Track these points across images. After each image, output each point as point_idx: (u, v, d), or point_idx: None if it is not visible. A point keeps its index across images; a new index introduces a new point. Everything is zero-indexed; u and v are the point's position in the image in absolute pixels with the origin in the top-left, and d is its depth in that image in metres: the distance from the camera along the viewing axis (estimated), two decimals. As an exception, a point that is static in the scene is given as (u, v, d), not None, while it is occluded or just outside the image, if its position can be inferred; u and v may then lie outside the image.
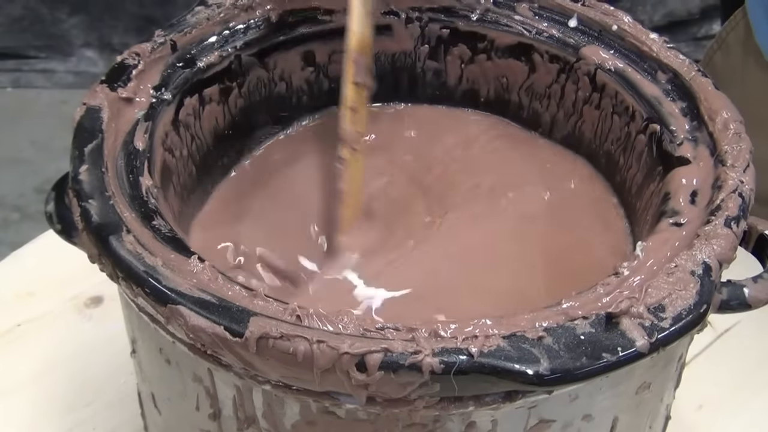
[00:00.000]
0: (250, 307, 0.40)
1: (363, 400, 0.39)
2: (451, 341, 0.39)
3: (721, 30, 0.87)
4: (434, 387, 0.38)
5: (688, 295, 0.41)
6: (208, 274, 0.42)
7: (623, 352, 0.39)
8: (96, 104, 0.49)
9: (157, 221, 0.45)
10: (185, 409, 0.47)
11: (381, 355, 0.38)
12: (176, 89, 0.53)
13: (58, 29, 2.01)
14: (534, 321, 0.40)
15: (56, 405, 0.65)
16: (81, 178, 0.45)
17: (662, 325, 0.40)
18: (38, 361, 0.67)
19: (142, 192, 0.46)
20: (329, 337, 0.38)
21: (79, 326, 0.70)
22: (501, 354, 0.38)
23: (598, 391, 0.43)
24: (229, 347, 0.39)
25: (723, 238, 0.44)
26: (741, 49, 0.83)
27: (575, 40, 0.57)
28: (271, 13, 0.58)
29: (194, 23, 0.55)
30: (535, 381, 0.38)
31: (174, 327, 0.41)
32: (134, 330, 0.49)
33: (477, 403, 0.40)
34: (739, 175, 0.47)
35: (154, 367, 0.49)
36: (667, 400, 0.52)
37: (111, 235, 0.43)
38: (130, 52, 0.53)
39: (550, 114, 0.60)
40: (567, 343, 0.39)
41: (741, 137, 0.49)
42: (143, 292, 0.41)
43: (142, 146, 0.49)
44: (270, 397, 0.42)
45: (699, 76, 0.53)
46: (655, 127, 0.52)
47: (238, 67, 0.57)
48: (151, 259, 0.42)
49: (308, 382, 0.39)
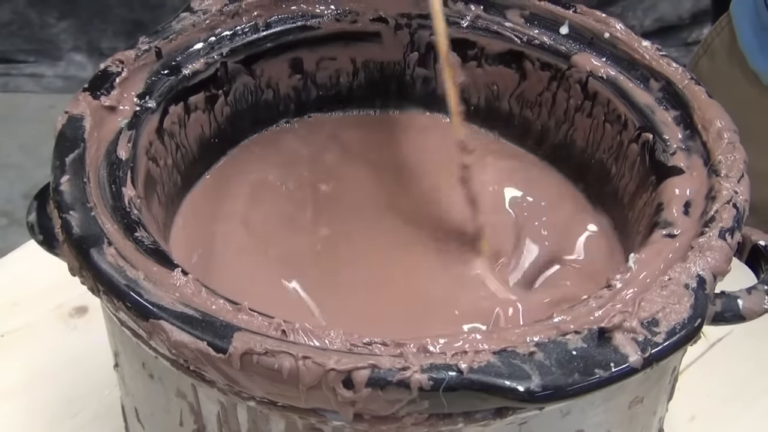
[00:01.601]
0: (234, 322, 0.39)
1: (350, 418, 0.38)
2: (440, 357, 0.38)
3: (706, 35, 0.86)
4: (423, 404, 0.37)
5: (682, 309, 0.40)
6: (191, 288, 0.41)
7: (616, 367, 0.38)
8: (78, 113, 0.48)
9: (140, 233, 0.44)
10: (169, 425, 0.46)
11: (368, 371, 0.37)
12: (161, 97, 0.52)
13: (47, 33, 2.00)
14: (525, 336, 0.39)
15: (41, 416, 0.64)
16: (62, 188, 0.44)
17: (656, 339, 0.39)
18: (22, 371, 0.66)
19: (124, 203, 0.45)
20: (315, 353, 0.38)
21: (64, 336, 0.69)
22: (491, 370, 0.37)
23: (591, 406, 0.42)
24: (213, 363, 0.38)
25: (717, 251, 0.43)
26: (726, 54, 0.82)
27: (567, 48, 0.57)
28: (258, 19, 0.57)
29: (180, 30, 0.55)
30: (526, 398, 0.37)
31: (156, 342, 0.40)
32: (117, 344, 0.48)
33: (467, 419, 0.39)
34: (733, 185, 0.46)
35: (137, 381, 0.48)
36: (660, 413, 0.51)
37: (92, 248, 0.42)
38: (114, 59, 0.52)
39: (541, 122, 0.59)
40: (558, 358, 0.38)
41: (735, 147, 0.48)
42: (124, 306, 0.40)
43: (126, 156, 0.48)
44: (255, 414, 0.41)
45: (692, 84, 0.52)
46: (648, 136, 0.52)
47: (224, 75, 0.56)
48: (133, 272, 0.41)
49: (294, 399, 0.38)
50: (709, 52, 0.84)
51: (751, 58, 0.78)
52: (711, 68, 0.84)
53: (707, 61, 0.85)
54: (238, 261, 0.52)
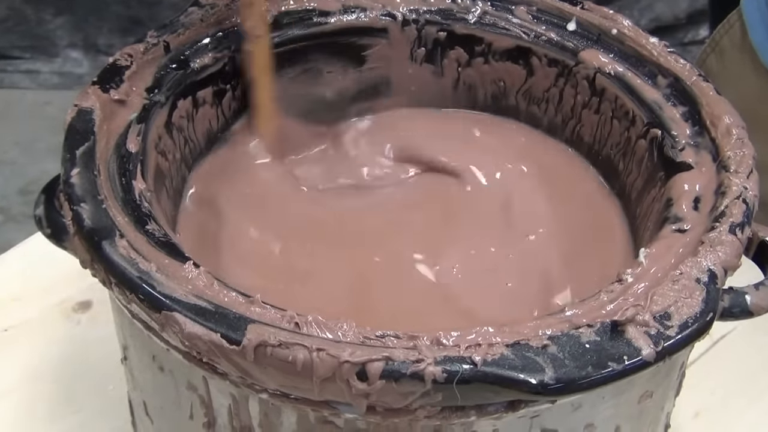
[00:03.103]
0: (247, 314, 0.39)
1: (363, 410, 0.38)
2: (454, 349, 0.38)
3: (714, 33, 0.86)
4: (436, 396, 0.37)
5: (694, 302, 0.40)
6: (204, 280, 0.41)
7: (629, 360, 0.38)
8: (88, 106, 0.48)
9: (151, 225, 0.44)
10: (178, 418, 0.46)
11: (382, 363, 0.37)
12: (169, 91, 0.52)
13: (43, 30, 2.00)
14: (538, 329, 0.39)
15: (43, 412, 0.63)
16: (73, 181, 0.44)
17: (668, 333, 0.39)
18: (25, 367, 0.66)
19: (135, 196, 0.45)
20: (329, 345, 0.38)
21: (67, 332, 0.68)
22: (505, 363, 0.37)
23: (601, 400, 0.42)
24: (226, 355, 0.38)
25: (728, 245, 0.43)
26: (736, 51, 0.82)
27: (574, 44, 0.57)
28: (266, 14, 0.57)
29: (188, 24, 0.54)
30: (539, 390, 0.37)
31: (169, 334, 0.40)
32: (126, 337, 0.48)
33: (479, 412, 0.39)
34: (742, 181, 0.46)
35: (146, 374, 0.47)
36: (668, 408, 0.51)
37: (104, 240, 0.42)
38: (123, 53, 0.52)
39: (548, 118, 0.59)
40: (572, 351, 0.38)
41: (744, 143, 0.48)
42: (137, 298, 0.40)
43: (135, 149, 0.48)
44: (267, 407, 0.41)
45: (700, 80, 0.52)
46: (656, 132, 0.52)
47: (232, 69, 0.56)
48: (145, 264, 0.41)
49: (307, 391, 0.38)
50: (717, 50, 0.84)
51: (764, 53, 0.78)
52: (720, 65, 0.84)
53: (716, 58, 0.85)
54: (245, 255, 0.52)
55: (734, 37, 0.82)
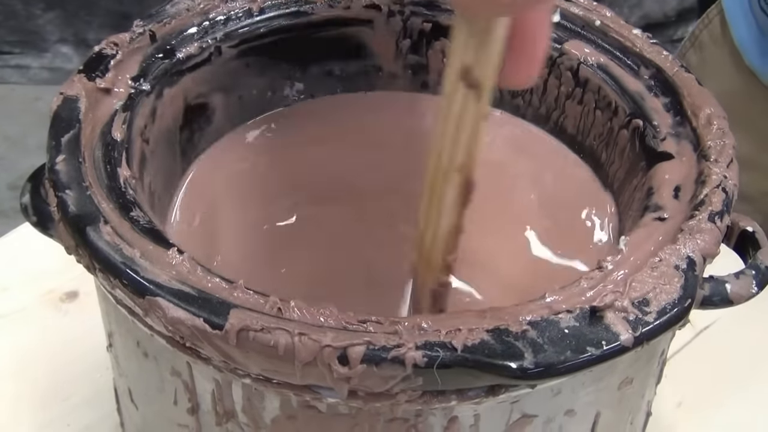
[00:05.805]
0: (230, 300, 0.39)
1: (344, 394, 0.39)
2: (434, 334, 0.38)
3: (694, 28, 0.87)
4: (417, 381, 0.38)
5: (673, 289, 0.41)
6: (187, 266, 0.41)
7: (608, 345, 0.38)
8: (73, 94, 0.48)
9: (135, 212, 0.44)
10: (163, 404, 0.46)
11: (363, 348, 0.37)
12: (155, 80, 0.52)
13: (33, 25, 2.00)
14: (518, 314, 0.40)
15: (31, 401, 0.64)
16: (58, 168, 0.44)
17: (646, 319, 0.39)
18: (13, 356, 0.66)
19: (120, 183, 0.46)
20: (310, 329, 0.38)
21: (55, 321, 0.69)
22: (485, 348, 0.38)
23: (581, 386, 0.43)
24: (209, 340, 0.38)
25: (707, 233, 0.44)
26: (715, 46, 0.83)
27: (558, 35, 0.57)
28: (252, 4, 0.57)
29: (174, 13, 0.55)
30: (519, 375, 0.37)
31: (152, 319, 0.40)
32: (111, 323, 0.49)
33: (460, 397, 0.39)
34: (722, 170, 0.47)
35: (131, 361, 0.48)
36: (649, 396, 0.52)
37: (88, 226, 0.42)
38: (108, 41, 0.52)
39: (533, 109, 0.60)
40: (551, 336, 0.38)
41: (724, 133, 0.49)
42: (121, 283, 0.40)
43: (120, 137, 0.48)
44: (250, 391, 0.42)
45: (682, 71, 0.53)
46: (638, 122, 0.52)
47: (218, 59, 0.56)
48: (129, 250, 0.41)
49: (289, 376, 0.39)
50: (696, 44, 0.85)
51: (749, 56, 0.78)
52: (699, 60, 0.85)
53: (695, 53, 0.85)
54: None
55: (714, 32, 0.83)
